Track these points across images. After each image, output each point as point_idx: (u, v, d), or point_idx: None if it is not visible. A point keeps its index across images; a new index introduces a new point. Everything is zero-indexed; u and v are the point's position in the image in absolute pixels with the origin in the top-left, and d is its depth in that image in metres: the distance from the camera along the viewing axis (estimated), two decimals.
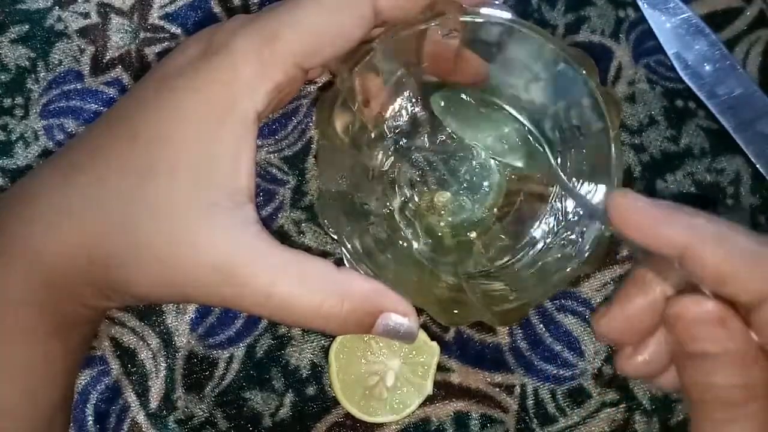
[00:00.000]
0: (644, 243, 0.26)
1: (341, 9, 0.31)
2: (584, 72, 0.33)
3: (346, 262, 0.33)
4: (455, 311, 0.33)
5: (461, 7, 0.33)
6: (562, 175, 0.35)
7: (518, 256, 0.36)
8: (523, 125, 0.36)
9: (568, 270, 0.33)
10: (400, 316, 0.30)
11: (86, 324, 0.33)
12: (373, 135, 0.36)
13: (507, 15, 0.34)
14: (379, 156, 0.37)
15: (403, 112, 0.37)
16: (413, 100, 0.37)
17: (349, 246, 0.33)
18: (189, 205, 0.29)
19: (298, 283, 0.29)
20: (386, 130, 0.37)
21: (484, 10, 0.34)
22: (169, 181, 0.29)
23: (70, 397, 0.35)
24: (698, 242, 0.25)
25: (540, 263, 0.35)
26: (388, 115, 0.37)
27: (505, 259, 0.37)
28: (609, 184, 0.33)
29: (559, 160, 0.36)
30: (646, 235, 0.26)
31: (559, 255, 0.35)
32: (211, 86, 0.30)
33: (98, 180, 0.30)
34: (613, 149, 0.33)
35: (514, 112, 0.37)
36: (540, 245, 0.36)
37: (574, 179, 0.36)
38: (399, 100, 0.37)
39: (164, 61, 0.32)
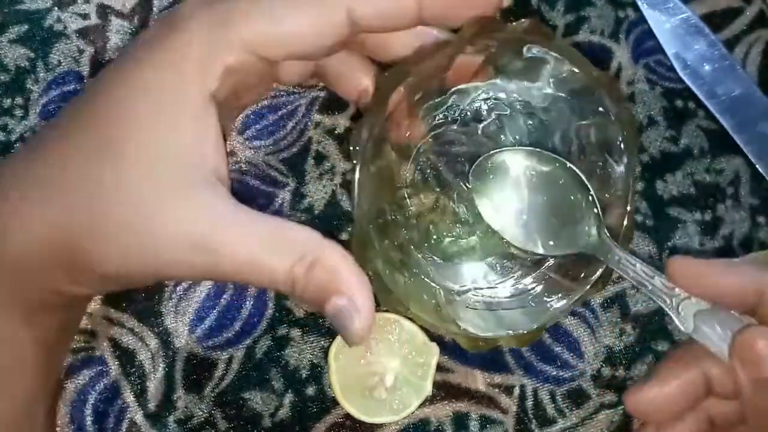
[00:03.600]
0: (712, 293, 0.28)
1: (309, 9, 0.30)
2: (609, 95, 0.33)
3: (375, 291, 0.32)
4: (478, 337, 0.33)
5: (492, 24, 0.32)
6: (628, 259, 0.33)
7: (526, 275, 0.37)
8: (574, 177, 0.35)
9: (578, 296, 0.34)
10: (352, 308, 0.28)
11: (59, 312, 0.33)
12: (405, 153, 0.36)
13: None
14: (407, 169, 0.37)
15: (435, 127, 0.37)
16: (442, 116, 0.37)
17: (379, 268, 0.33)
18: (158, 183, 0.29)
19: (276, 249, 0.29)
20: (416, 147, 0.37)
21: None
22: (134, 160, 0.29)
23: (51, 388, 0.35)
24: None
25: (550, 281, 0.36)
26: (419, 134, 0.36)
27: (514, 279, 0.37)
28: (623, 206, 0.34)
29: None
30: (713, 285, 0.29)
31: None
32: (163, 64, 0.30)
33: (61, 161, 0.30)
34: (623, 177, 0.34)
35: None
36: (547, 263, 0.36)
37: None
38: (429, 119, 0.37)
39: (133, 40, 0.32)
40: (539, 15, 0.44)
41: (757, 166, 0.42)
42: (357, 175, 0.32)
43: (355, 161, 0.32)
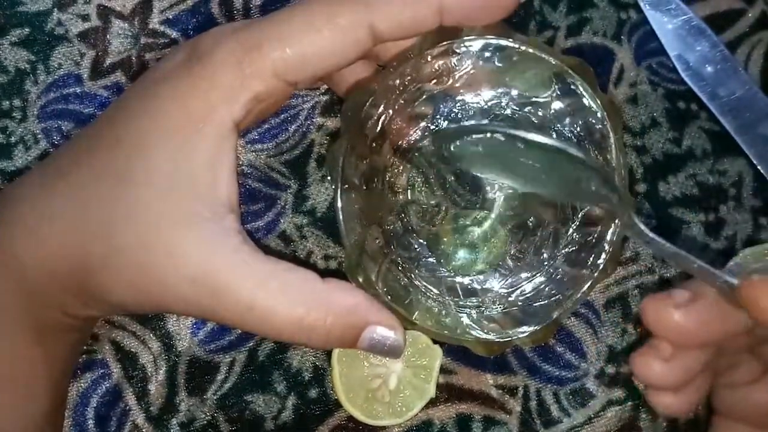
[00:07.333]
0: None
1: (332, 31, 0.29)
2: (583, 81, 0.33)
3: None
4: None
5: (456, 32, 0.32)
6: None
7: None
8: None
9: (587, 285, 0.33)
10: (386, 329, 0.30)
11: (70, 332, 0.33)
12: (390, 164, 0.36)
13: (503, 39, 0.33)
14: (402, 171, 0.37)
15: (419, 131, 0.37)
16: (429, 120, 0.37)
17: (380, 288, 0.32)
18: (167, 213, 0.28)
19: (280, 295, 0.28)
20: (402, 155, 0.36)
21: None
22: (147, 188, 0.29)
23: (59, 405, 0.35)
24: None
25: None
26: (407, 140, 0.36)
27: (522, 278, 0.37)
28: (612, 191, 0.33)
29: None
30: None
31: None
32: (189, 93, 0.29)
33: (79, 184, 0.30)
34: (614, 156, 0.33)
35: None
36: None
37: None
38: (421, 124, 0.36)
39: (153, 66, 0.32)
40: (541, 16, 0.44)
41: (759, 167, 0.42)
42: (339, 202, 0.32)
43: (335, 186, 0.32)
